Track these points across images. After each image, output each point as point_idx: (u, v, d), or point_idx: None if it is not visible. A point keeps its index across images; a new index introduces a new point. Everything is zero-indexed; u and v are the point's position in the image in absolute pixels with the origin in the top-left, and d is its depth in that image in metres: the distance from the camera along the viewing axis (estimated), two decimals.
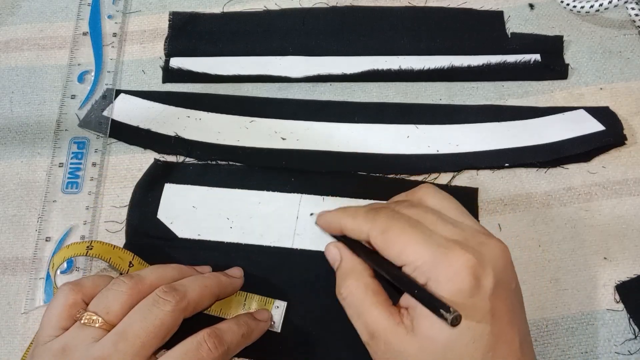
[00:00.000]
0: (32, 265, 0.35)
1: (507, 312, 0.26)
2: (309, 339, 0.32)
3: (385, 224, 0.28)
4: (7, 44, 0.42)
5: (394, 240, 0.27)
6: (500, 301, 0.26)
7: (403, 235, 0.27)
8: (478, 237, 0.27)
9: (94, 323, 0.27)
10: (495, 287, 0.25)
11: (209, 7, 0.42)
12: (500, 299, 0.26)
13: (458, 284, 0.25)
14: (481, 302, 0.25)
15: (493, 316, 0.25)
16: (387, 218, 0.28)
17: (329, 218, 0.31)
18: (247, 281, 0.33)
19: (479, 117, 0.38)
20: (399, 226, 0.27)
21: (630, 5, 0.40)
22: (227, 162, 0.37)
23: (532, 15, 0.41)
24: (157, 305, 0.28)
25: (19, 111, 0.40)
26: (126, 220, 0.36)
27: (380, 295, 0.28)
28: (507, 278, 0.27)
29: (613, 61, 0.39)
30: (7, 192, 0.37)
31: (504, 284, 0.26)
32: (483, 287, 0.25)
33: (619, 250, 0.34)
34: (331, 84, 0.40)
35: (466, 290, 0.25)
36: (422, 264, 0.26)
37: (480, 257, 0.26)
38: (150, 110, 0.39)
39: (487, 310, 0.25)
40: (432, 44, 0.40)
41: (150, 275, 0.30)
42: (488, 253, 0.26)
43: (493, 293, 0.25)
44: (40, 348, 0.27)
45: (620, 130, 0.36)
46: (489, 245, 0.27)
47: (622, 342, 0.32)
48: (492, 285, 0.25)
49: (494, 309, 0.25)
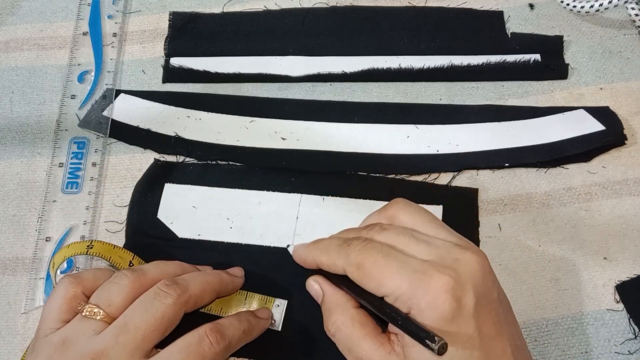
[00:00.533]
0: (32, 265, 0.35)
1: (493, 325, 0.26)
2: (309, 339, 0.32)
3: (358, 258, 0.27)
4: (7, 44, 0.42)
5: (370, 273, 0.27)
6: (484, 316, 0.25)
7: (377, 267, 0.26)
8: (453, 253, 0.26)
9: (95, 315, 0.27)
10: (477, 304, 0.25)
11: (209, 7, 0.42)
12: (484, 313, 0.25)
13: (439, 309, 0.25)
14: (465, 323, 0.25)
15: (480, 333, 0.25)
16: (360, 251, 0.27)
17: (303, 254, 0.31)
18: (247, 281, 0.33)
19: (479, 117, 0.38)
20: (372, 259, 0.27)
21: (630, 5, 0.40)
22: (227, 162, 0.37)
23: (532, 15, 0.41)
24: (158, 298, 0.28)
25: (19, 111, 0.40)
26: (126, 220, 0.36)
27: (367, 327, 0.27)
28: (488, 290, 0.26)
29: (613, 61, 0.39)
30: (7, 192, 0.37)
31: (486, 297, 0.26)
32: (465, 306, 0.25)
33: (619, 250, 0.34)
34: (331, 84, 0.40)
35: (448, 315, 0.25)
36: (401, 294, 0.25)
37: (457, 276, 0.25)
38: (150, 110, 0.39)
39: (473, 330, 0.25)
40: (432, 44, 0.40)
41: (152, 270, 0.30)
42: (465, 270, 0.26)
43: (476, 310, 0.25)
44: (40, 341, 0.27)
45: (620, 130, 0.36)
46: (464, 260, 0.26)
47: (622, 342, 0.32)
48: (473, 303, 0.25)
49: (480, 326, 0.25)
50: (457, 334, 0.25)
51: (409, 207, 0.29)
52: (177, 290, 0.28)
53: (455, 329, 0.25)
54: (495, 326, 0.26)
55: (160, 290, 0.28)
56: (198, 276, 0.30)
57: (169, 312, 0.27)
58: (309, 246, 0.31)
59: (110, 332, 0.27)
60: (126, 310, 0.28)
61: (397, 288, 0.26)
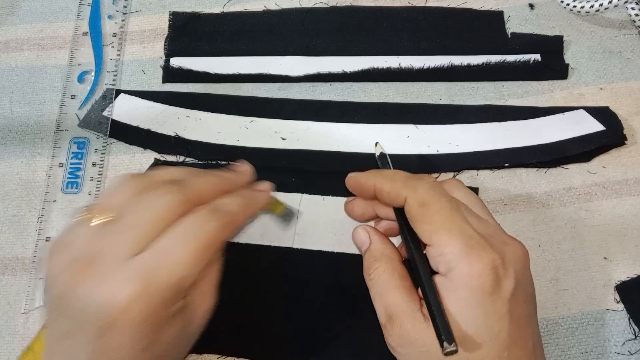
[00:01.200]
0: (32, 265, 0.35)
1: (523, 315, 0.26)
2: (309, 338, 0.32)
3: (426, 196, 0.27)
4: (7, 44, 0.42)
5: (431, 217, 0.26)
6: (517, 304, 0.26)
7: (441, 215, 0.26)
8: (502, 237, 0.27)
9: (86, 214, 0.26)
10: (515, 289, 0.25)
11: (209, 7, 0.42)
12: (518, 302, 0.26)
13: (480, 280, 0.25)
14: (500, 302, 0.25)
15: (511, 317, 0.25)
16: (430, 189, 0.27)
17: (362, 179, 0.30)
18: (248, 281, 0.33)
19: (479, 117, 0.38)
20: (440, 204, 0.27)
21: (630, 5, 0.40)
22: (227, 162, 0.37)
23: (532, 15, 0.41)
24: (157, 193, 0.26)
25: (19, 111, 0.40)
26: None
27: (405, 281, 0.28)
28: (527, 281, 0.27)
29: (613, 61, 0.39)
30: (7, 192, 0.37)
31: (523, 287, 0.26)
32: (503, 288, 0.25)
33: (619, 250, 0.34)
34: (331, 84, 0.40)
35: (488, 288, 0.25)
36: (448, 252, 0.25)
37: (504, 257, 0.26)
38: (150, 110, 0.39)
39: (505, 311, 0.25)
40: (432, 44, 0.40)
41: (159, 173, 0.28)
42: (511, 255, 0.26)
43: (512, 295, 0.25)
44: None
45: (620, 130, 0.36)
46: (511, 246, 0.27)
47: (622, 342, 0.32)
48: (512, 287, 0.25)
49: (512, 311, 0.25)
50: (490, 310, 0.25)
51: (464, 187, 0.30)
52: (179, 187, 0.26)
53: (490, 305, 0.25)
54: (525, 318, 0.26)
55: (162, 188, 0.26)
56: (204, 176, 0.28)
57: (172, 205, 0.25)
58: (370, 172, 0.30)
59: (110, 231, 0.25)
60: (125, 207, 0.26)
61: (448, 245, 0.26)
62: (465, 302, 0.25)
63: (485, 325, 0.25)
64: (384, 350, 0.31)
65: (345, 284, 0.33)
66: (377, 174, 0.30)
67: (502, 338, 0.25)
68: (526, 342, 0.26)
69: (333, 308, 0.33)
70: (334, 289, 0.33)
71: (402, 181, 0.28)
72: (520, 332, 0.26)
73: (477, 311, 0.25)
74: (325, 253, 0.34)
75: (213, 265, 0.28)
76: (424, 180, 0.28)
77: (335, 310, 0.33)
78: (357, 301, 0.32)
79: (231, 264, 0.33)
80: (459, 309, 0.25)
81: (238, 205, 0.28)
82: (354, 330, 0.32)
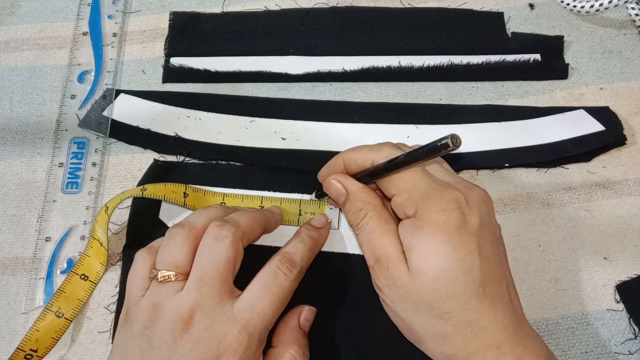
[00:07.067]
0: (32, 265, 0.35)
1: (493, 255, 0.27)
2: (311, 337, 0.32)
3: (390, 152, 0.29)
4: (7, 44, 0.42)
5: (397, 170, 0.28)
6: (485, 241, 0.27)
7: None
8: (466, 184, 0.29)
9: (169, 279, 0.29)
10: (481, 227, 0.27)
11: (209, 7, 0.42)
12: (486, 240, 0.27)
13: (446, 216, 0.26)
14: (468, 237, 0.26)
15: (480, 253, 0.26)
16: (393, 148, 0.29)
17: (332, 161, 0.32)
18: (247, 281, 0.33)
19: (479, 117, 0.38)
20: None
21: (630, 5, 0.40)
22: (227, 162, 0.37)
23: (532, 15, 0.41)
24: (217, 243, 0.29)
25: (19, 111, 0.40)
26: (127, 220, 0.36)
27: (391, 224, 0.29)
28: (491, 222, 0.28)
29: (613, 61, 0.39)
30: (7, 192, 0.37)
31: (489, 227, 0.27)
32: (469, 223, 0.26)
33: (619, 250, 0.34)
34: (331, 84, 0.40)
35: (454, 223, 0.26)
36: (415, 194, 0.27)
37: (467, 197, 0.27)
38: (150, 110, 0.39)
39: (474, 246, 0.26)
40: (432, 45, 0.40)
41: (199, 219, 0.31)
42: (474, 197, 0.28)
43: (479, 231, 0.27)
44: (132, 308, 0.29)
45: (620, 130, 0.36)
46: (475, 190, 0.28)
47: (622, 342, 0.32)
48: (477, 224, 0.27)
49: (481, 247, 0.26)
50: (458, 244, 0.26)
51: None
52: (231, 229, 0.29)
53: (458, 239, 0.26)
54: (495, 258, 0.27)
55: (215, 234, 0.29)
56: (243, 213, 0.32)
57: (231, 251, 0.29)
58: (337, 154, 0.32)
59: (192, 288, 0.28)
60: (194, 264, 0.29)
61: (414, 187, 0.28)
62: (434, 238, 0.26)
63: (457, 259, 0.26)
64: (386, 351, 0.32)
65: (346, 285, 0.33)
66: (344, 151, 0.32)
67: (474, 273, 0.26)
68: (499, 280, 0.27)
69: (334, 307, 0.33)
70: (334, 289, 0.33)
71: (367, 147, 0.30)
72: (491, 270, 0.27)
73: (447, 246, 0.26)
74: (324, 253, 0.34)
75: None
76: (389, 143, 0.30)
77: (336, 309, 0.33)
78: (359, 303, 0.33)
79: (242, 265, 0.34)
80: (430, 244, 0.26)
81: (308, 255, 0.31)
82: (355, 328, 0.32)
